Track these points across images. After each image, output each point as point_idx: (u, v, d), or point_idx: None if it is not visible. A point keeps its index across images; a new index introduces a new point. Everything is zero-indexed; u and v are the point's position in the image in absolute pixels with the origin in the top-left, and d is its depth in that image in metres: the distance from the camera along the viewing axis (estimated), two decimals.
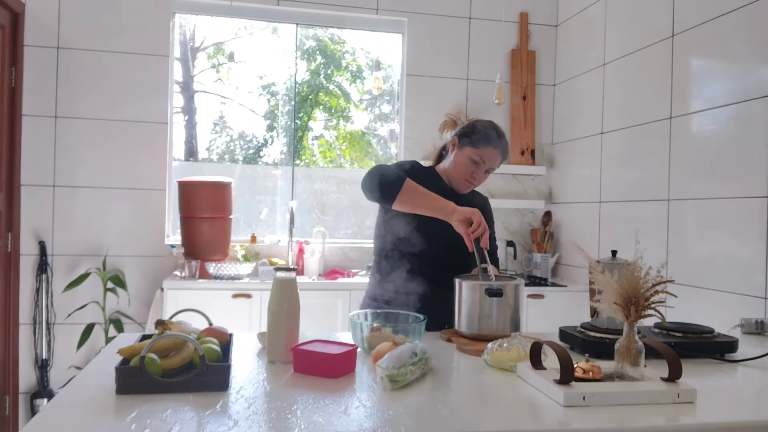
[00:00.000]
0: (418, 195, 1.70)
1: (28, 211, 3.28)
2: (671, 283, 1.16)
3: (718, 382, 1.27)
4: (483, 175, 1.89)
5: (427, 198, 1.70)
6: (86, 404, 1.01)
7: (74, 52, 3.33)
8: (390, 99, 4.05)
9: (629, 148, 3.18)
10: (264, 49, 3.90)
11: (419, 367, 1.20)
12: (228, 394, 1.08)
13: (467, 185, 1.91)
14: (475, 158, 1.86)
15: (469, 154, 1.87)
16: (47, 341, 3.28)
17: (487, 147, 1.85)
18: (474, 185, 1.92)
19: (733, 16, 2.49)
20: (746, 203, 2.39)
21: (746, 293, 2.37)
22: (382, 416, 0.98)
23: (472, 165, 1.87)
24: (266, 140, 3.98)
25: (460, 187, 1.92)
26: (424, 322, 1.50)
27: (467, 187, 1.92)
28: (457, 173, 1.90)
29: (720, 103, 2.55)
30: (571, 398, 1.04)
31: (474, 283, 1.60)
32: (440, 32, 3.81)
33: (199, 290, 3.07)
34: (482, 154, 1.85)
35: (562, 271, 3.85)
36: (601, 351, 1.36)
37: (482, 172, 1.88)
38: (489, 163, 1.87)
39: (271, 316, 1.34)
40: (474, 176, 1.88)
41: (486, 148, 1.85)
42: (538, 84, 3.95)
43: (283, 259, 3.56)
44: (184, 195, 3.25)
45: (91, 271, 3.24)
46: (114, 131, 3.38)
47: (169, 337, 1.11)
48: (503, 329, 1.57)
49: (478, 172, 1.88)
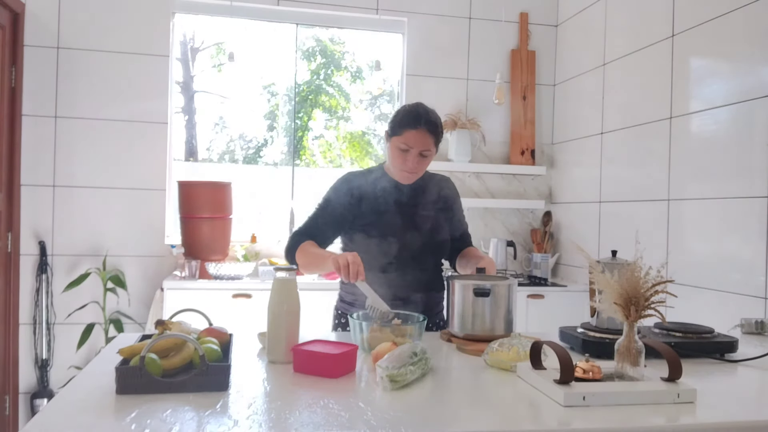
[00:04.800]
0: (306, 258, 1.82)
1: (28, 211, 3.28)
2: (671, 283, 1.16)
3: (718, 382, 1.27)
4: (418, 159, 1.78)
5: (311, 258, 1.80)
6: (86, 404, 1.01)
7: (74, 52, 3.33)
8: (390, 99, 4.05)
9: (629, 148, 3.18)
10: (264, 49, 3.90)
11: (419, 367, 1.20)
12: (228, 394, 1.08)
13: (406, 176, 1.82)
14: (401, 146, 1.77)
15: (396, 143, 1.79)
16: (47, 341, 3.28)
17: (409, 131, 1.76)
18: (414, 173, 1.82)
19: (733, 16, 2.49)
20: (746, 203, 2.39)
21: (746, 293, 2.37)
22: (382, 416, 0.98)
23: (402, 153, 1.78)
24: (266, 140, 3.97)
25: (401, 179, 1.85)
26: (424, 322, 1.50)
27: (407, 178, 1.83)
28: (393, 166, 1.84)
29: (720, 103, 2.55)
30: (571, 398, 1.04)
31: (464, 282, 1.59)
32: (440, 32, 3.81)
33: (199, 290, 3.06)
34: (407, 140, 1.76)
35: (562, 271, 3.85)
36: (601, 351, 1.37)
37: (414, 157, 1.78)
38: (418, 146, 1.76)
39: (271, 316, 1.34)
40: (407, 164, 1.78)
41: (408, 131, 1.76)
42: (538, 84, 3.95)
43: (283, 259, 3.56)
44: (184, 195, 3.25)
45: (91, 271, 3.24)
46: (114, 131, 3.38)
47: (169, 337, 1.11)
48: (496, 329, 1.56)
49: (410, 158, 1.78)
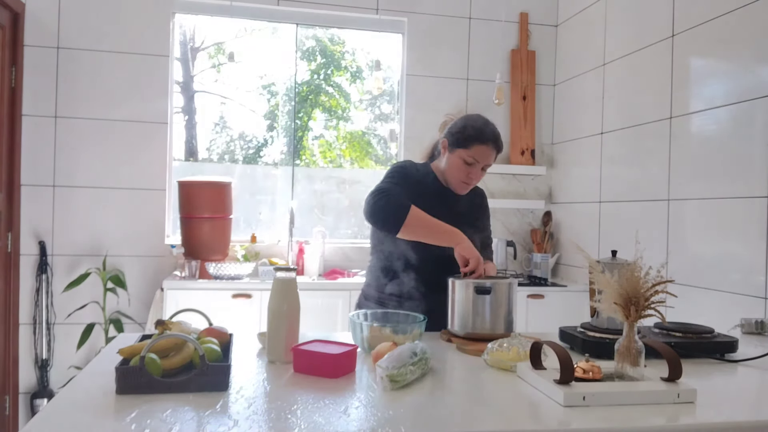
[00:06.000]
0: (422, 226, 1.69)
1: (28, 211, 3.28)
2: (671, 283, 1.16)
3: (718, 382, 1.27)
4: (479, 173, 1.83)
5: (431, 228, 1.69)
6: (86, 404, 1.01)
7: (74, 52, 3.33)
8: (390, 99, 4.05)
9: (629, 148, 3.18)
10: (264, 49, 3.90)
11: (419, 367, 1.20)
12: (228, 394, 1.08)
13: (465, 186, 1.86)
14: (468, 159, 1.79)
15: (462, 155, 1.80)
16: (47, 341, 3.28)
17: (478, 146, 1.78)
18: (471, 185, 1.87)
19: (733, 16, 2.49)
20: (746, 203, 2.39)
21: (746, 293, 2.37)
22: (382, 416, 0.98)
23: (466, 166, 1.80)
24: (266, 140, 3.97)
25: (458, 189, 1.87)
26: (424, 322, 1.50)
27: (465, 189, 1.87)
28: (453, 176, 1.85)
29: (720, 103, 2.55)
30: (571, 398, 1.04)
31: (464, 281, 1.60)
32: (440, 32, 3.81)
33: (199, 290, 3.07)
34: (475, 154, 1.78)
35: (562, 271, 3.85)
36: (601, 351, 1.36)
37: (478, 171, 1.81)
38: (483, 161, 1.80)
39: (271, 316, 1.34)
40: (470, 177, 1.82)
41: (477, 146, 1.78)
42: (538, 84, 3.95)
43: (283, 259, 3.56)
44: (184, 195, 3.25)
45: (91, 271, 3.24)
46: (114, 131, 3.38)
47: (169, 337, 1.11)
48: (496, 329, 1.56)
49: (473, 172, 1.81)
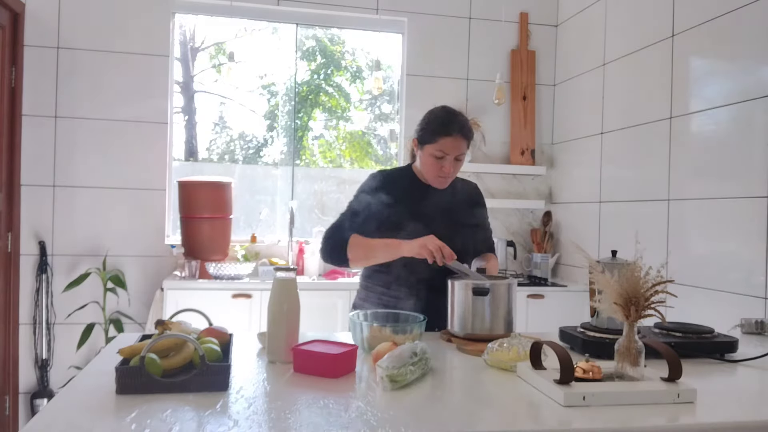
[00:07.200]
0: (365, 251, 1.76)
1: (28, 211, 3.27)
2: (671, 283, 1.16)
3: (718, 382, 1.27)
4: (453, 164, 1.80)
5: (374, 249, 1.75)
6: (86, 404, 1.01)
7: (74, 52, 3.33)
8: (390, 99, 4.05)
9: (629, 148, 3.17)
10: (264, 49, 3.90)
11: (419, 367, 1.20)
12: (228, 394, 1.08)
13: (442, 181, 1.83)
14: (436, 153, 1.77)
15: (430, 151, 1.78)
16: (47, 341, 3.28)
17: (444, 138, 1.76)
18: (449, 178, 1.83)
19: (733, 16, 2.49)
20: (746, 203, 2.39)
21: (746, 293, 2.37)
22: (382, 416, 0.98)
23: (437, 161, 1.78)
24: (266, 140, 3.97)
25: (436, 184, 1.85)
26: (424, 322, 1.50)
27: (443, 183, 1.85)
28: (427, 173, 1.84)
29: (720, 103, 2.55)
30: (571, 398, 1.04)
31: (463, 282, 1.60)
32: (440, 32, 3.81)
33: (199, 290, 3.07)
34: (442, 147, 1.76)
35: (562, 271, 3.85)
36: (601, 351, 1.36)
37: (450, 162, 1.78)
38: (453, 152, 1.77)
39: (271, 316, 1.34)
40: (444, 170, 1.79)
41: (443, 139, 1.76)
42: (538, 84, 3.95)
43: (283, 259, 3.56)
44: (184, 195, 3.25)
45: (91, 271, 3.24)
46: (114, 131, 3.38)
47: (169, 337, 1.11)
48: (496, 329, 1.56)
49: (445, 164, 1.78)
